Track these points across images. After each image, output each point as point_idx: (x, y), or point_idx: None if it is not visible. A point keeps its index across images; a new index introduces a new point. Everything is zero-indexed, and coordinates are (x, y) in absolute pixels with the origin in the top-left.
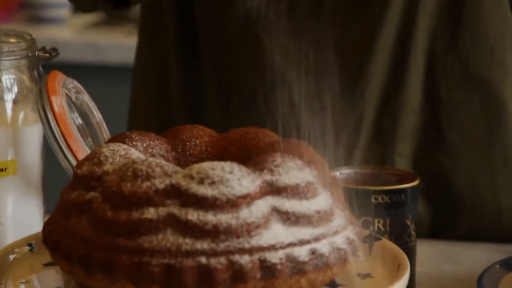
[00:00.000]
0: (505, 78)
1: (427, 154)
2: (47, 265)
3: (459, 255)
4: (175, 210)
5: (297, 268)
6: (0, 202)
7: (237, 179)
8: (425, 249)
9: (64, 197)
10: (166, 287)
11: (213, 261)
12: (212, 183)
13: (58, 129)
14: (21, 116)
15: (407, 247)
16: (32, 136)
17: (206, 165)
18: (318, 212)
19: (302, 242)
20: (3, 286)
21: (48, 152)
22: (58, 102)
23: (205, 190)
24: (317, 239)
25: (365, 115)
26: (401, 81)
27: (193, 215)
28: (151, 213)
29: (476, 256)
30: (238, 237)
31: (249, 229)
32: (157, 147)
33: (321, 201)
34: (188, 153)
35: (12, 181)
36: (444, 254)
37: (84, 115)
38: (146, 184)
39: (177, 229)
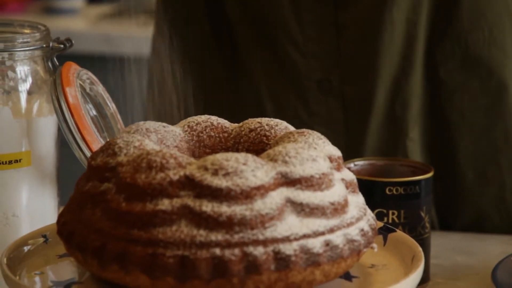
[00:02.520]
0: (505, 59)
1: (434, 139)
2: (61, 256)
3: (473, 247)
4: (189, 201)
5: (311, 259)
6: (14, 193)
7: (251, 170)
8: (439, 241)
9: (78, 189)
10: (180, 279)
11: (227, 252)
12: (226, 174)
13: (72, 120)
14: (35, 107)
15: (421, 238)
16: (47, 127)
17: (220, 156)
18: (332, 203)
19: (316, 234)
20: (17, 277)
21: (63, 143)
22: (72, 93)
23: (219, 182)
24: (331, 230)
25: (375, 100)
26: (409, 67)
27: (207, 207)
28: (165, 204)
29: (490, 248)
30: (252, 228)
31: (263, 220)
32: (171, 138)
33: (336, 192)
34: (202, 144)
35: (27, 173)
36: (458, 246)
37: (98, 106)
38: (160, 175)
39: (191, 221)
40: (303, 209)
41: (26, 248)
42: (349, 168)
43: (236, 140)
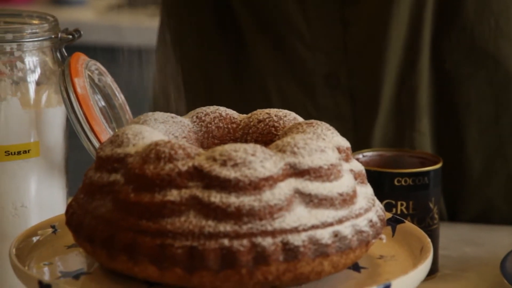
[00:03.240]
0: None
1: (442, 130)
2: (70, 247)
3: (482, 238)
4: (198, 192)
5: (320, 250)
6: (23, 184)
7: (260, 161)
8: (447, 232)
9: (86, 179)
10: (188, 269)
11: (236, 243)
12: (235, 165)
13: (80, 111)
14: (44, 98)
15: (430, 230)
16: (55, 118)
17: (228, 147)
18: (341, 194)
19: (324, 225)
20: (26, 267)
21: (71, 134)
22: (81, 84)
23: (228, 172)
24: (340, 221)
25: (382, 93)
26: (415, 59)
27: (216, 197)
28: (173, 195)
29: (499, 239)
30: (261, 219)
31: (272, 211)
32: (180, 129)
33: (344, 183)
34: (211, 135)
35: (35, 163)
36: (466, 237)
37: (106, 97)
38: (169, 166)
39: (200, 211)
40: (311, 200)
41: (35, 239)
42: (357, 159)
43: (244, 131)
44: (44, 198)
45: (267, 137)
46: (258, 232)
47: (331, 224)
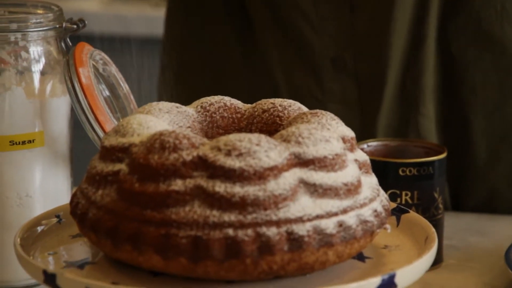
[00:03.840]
0: None
1: (447, 115)
2: (74, 236)
3: (486, 228)
4: (202, 182)
5: (324, 240)
6: (27, 174)
7: (265, 151)
8: (452, 222)
9: (91, 169)
10: (193, 259)
11: (241, 233)
12: (240, 155)
13: (85, 100)
14: (48, 87)
15: (434, 219)
16: (60, 108)
17: (233, 137)
18: (346, 184)
19: (329, 215)
20: (31, 257)
21: (76, 124)
22: (86, 73)
23: (233, 162)
24: (344, 211)
25: (388, 77)
26: (421, 43)
27: (221, 187)
28: (178, 185)
29: (504, 229)
30: (265, 209)
31: (276, 201)
32: (185, 119)
33: (349, 173)
34: (215, 125)
35: (40, 153)
36: (471, 227)
37: (111, 87)
38: (173, 156)
39: (204, 201)
40: (316, 190)
41: (39, 229)
42: (362, 149)
43: (249, 121)
44: (49, 187)
45: (271, 127)
46: (263, 222)
47: (335, 214)
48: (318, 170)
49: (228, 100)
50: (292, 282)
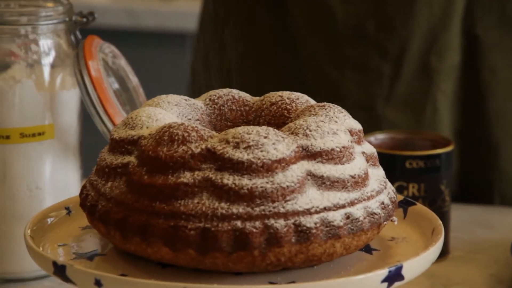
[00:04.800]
0: None
1: (464, 94)
2: (84, 228)
3: (493, 220)
4: (211, 174)
5: (332, 232)
6: (37, 166)
7: (272, 143)
8: (458, 214)
9: (100, 161)
10: (201, 251)
11: (249, 225)
12: (248, 147)
13: (95, 93)
14: (58, 80)
15: (441, 212)
16: (70, 100)
17: (241, 130)
18: (353, 176)
19: (337, 207)
20: (41, 248)
21: (85, 116)
22: (95, 66)
23: (241, 155)
24: (351, 203)
25: (410, 49)
26: (447, 20)
27: (229, 180)
28: (187, 177)
29: (510, 221)
30: (273, 201)
31: (284, 193)
32: (193, 112)
33: (356, 165)
34: (223, 117)
35: (50, 145)
36: (477, 219)
37: (120, 80)
38: (182, 148)
39: (212, 193)
40: (323, 182)
41: (49, 220)
42: (369, 142)
43: (257, 114)
44: (59, 180)
45: (279, 119)
46: (271, 214)
47: (343, 206)
48: (326, 163)
49: (236, 93)
50: (300, 274)
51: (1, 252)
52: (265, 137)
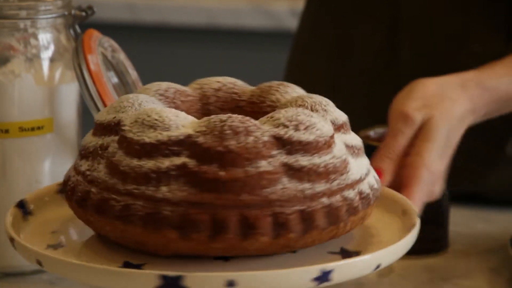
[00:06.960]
0: None
1: None
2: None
3: (493, 215)
4: (284, 158)
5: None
6: (37, 160)
7: (319, 122)
8: (458, 209)
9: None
10: (302, 231)
11: (334, 200)
12: (306, 128)
13: (94, 87)
14: (57, 74)
15: (441, 206)
16: (69, 94)
17: (290, 112)
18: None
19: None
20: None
21: (84, 110)
22: (94, 60)
23: (305, 136)
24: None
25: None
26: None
27: (304, 161)
28: (265, 165)
29: (509, 217)
30: (341, 174)
31: (345, 165)
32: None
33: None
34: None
35: (49, 139)
36: (477, 215)
37: (120, 74)
38: (250, 138)
39: (293, 177)
40: (354, 151)
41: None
42: (369, 136)
43: (204, 102)
44: (58, 173)
45: (231, 103)
46: (344, 186)
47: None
48: (347, 134)
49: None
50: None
51: (1, 246)
52: (312, 117)
